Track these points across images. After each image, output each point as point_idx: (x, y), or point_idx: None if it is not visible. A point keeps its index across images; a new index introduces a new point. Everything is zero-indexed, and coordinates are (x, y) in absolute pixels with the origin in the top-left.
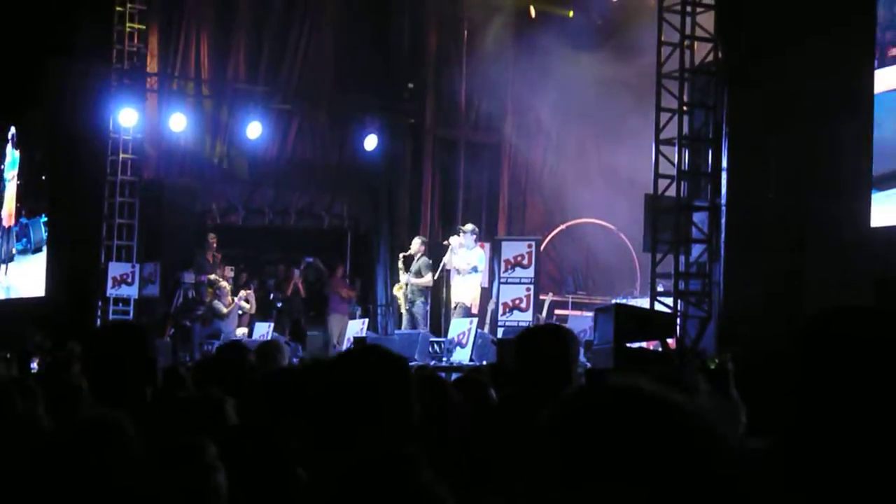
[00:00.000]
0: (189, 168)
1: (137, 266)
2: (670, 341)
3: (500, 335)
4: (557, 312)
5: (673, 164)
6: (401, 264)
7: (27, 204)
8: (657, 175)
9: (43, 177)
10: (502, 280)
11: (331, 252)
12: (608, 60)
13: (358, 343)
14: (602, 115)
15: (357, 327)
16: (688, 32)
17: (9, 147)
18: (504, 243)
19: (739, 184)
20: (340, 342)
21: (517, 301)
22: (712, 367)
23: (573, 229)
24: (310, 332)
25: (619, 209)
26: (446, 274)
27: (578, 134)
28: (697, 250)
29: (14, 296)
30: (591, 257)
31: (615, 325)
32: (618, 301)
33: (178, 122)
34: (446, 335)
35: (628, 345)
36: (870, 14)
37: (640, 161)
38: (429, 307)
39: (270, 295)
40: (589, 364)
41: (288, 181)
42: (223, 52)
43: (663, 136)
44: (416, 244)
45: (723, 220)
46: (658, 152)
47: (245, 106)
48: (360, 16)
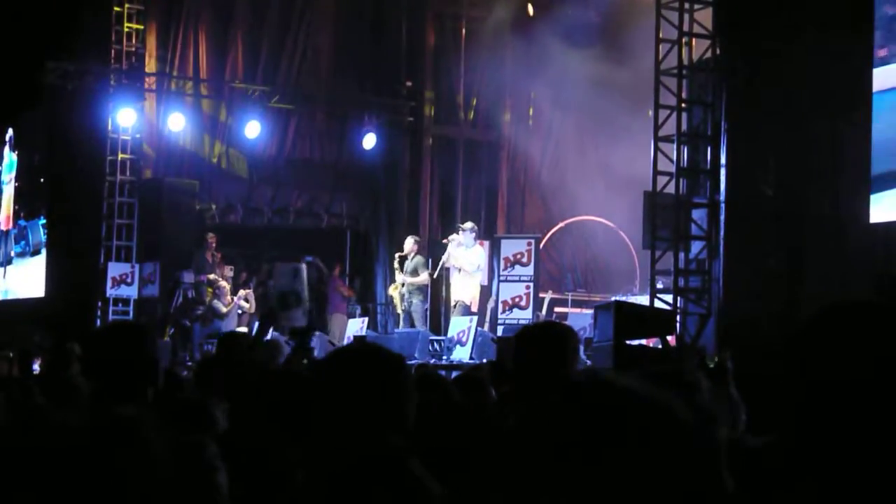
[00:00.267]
0: (188, 168)
1: (137, 266)
2: (670, 338)
3: (500, 333)
4: (557, 310)
5: (672, 161)
6: (396, 264)
7: (25, 206)
8: (656, 172)
9: (41, 178)
10: (502, 278)
11: (330, 251)
12: (607, 58)
13: (357, 342)
14: (601, 113)
15: (357, 326)
16: (686, 29)
17: (6, 150)
18: (503, 241)
19: (738, 180)
20: (341, 341)
21: (517, 299)
22: (711, 366)
23: (572, 227)
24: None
25: (619, 206)
26: (446, 272)
27: (577, 131)
28: (697, 247)
29: (12, 298)
30: (591, 255)
31: (615, 323)
32: (617, 298)
33: (177, 122)
34: (446, 333)
35: (628, 342)
36: (868, 9)
37: (639, 158)
38: (427, 305)
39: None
40: (589, 362)
41: (287, 180)
42: (221, 52)
43: (662, 133)
44: (410, 243)
45: (722, 217)
46: (657, 149)
47: (244, 105)
48: (359, 14)
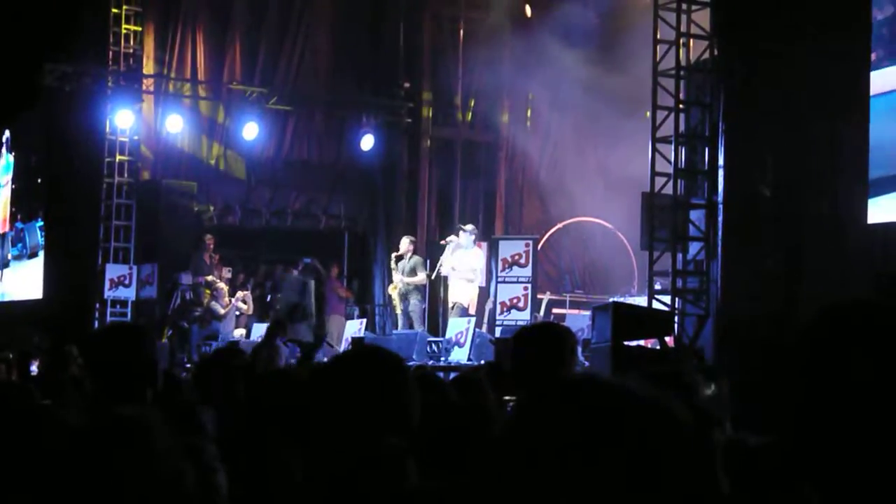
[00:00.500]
0: (186, 169)
1: (135, 268)
2: (668, 339)
3: (498, 334)
4: (555, 311)
5: (670, 162)
6: (393, 265)
7: (22, 209)
8: (654, 173)
9: (39, 180)
10: (500, 279)
11: (328, 252)
12: (604, 59)
13: (356, 343)
14: (599, 114)
15: (355, 327)
16: (683, 30)
17: (3, 151)
18: (501, 242)
19: (736, 181)
20: (339, 342)
21: (515, 300)
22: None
23: (570, 228)
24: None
25: (617, 207)
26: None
27: (575, 132)
28: (695, 248)
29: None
30: (589, 256)
31: (613, 324)
32: (615, 299)
33: (175, 124)
34: (444, 335)
35: (626, 343)
36: (866, 10)
37: (637, 159)
38: (425, 305)
39: (268, 296)
40: (587, 363)
41: (285, 182)
42: (219, 53)
43: (660, 135)
44: (405, 244)
45: (720, 218)
46: (655, 150)
47: (241, 107)
48: (356, 16)
